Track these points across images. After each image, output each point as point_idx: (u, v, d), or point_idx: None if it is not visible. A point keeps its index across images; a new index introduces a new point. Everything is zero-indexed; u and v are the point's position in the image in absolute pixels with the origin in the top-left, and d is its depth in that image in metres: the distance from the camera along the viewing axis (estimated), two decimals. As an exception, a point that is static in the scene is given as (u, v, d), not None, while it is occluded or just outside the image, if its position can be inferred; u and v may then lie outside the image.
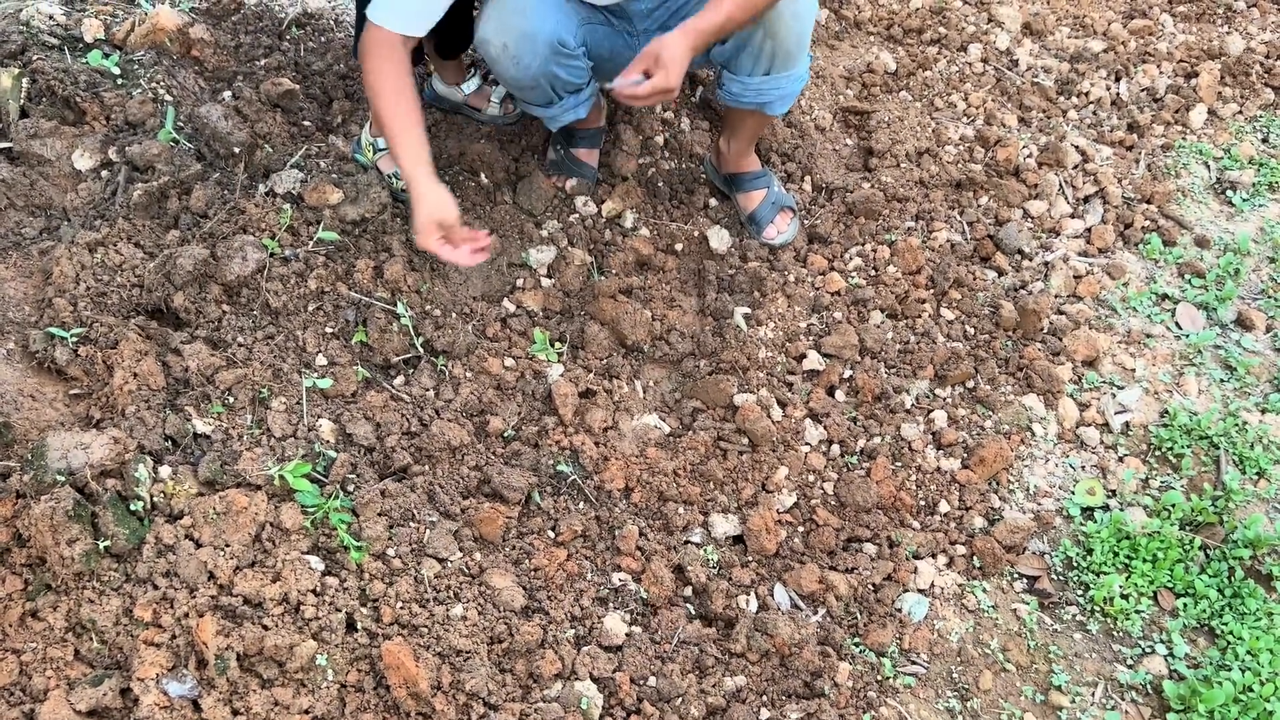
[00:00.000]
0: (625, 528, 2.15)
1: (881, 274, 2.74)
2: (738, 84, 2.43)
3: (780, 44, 2.31)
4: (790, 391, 2.48)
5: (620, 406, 2.38)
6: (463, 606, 1.91)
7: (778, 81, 2.41)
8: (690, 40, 2.06)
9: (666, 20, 2.41)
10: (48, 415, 1.99)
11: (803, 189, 2.94)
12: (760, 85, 2.40)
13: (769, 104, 2.46)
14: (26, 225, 2.29)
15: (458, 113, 2.85)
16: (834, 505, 2.32)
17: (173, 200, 2.34)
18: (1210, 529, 2.29)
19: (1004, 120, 3.19)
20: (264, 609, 1.81)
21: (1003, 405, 2.52)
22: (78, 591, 1.79)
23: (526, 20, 2.21)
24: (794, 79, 2.43)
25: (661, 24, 2.41)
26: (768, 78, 2.39)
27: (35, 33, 2.62)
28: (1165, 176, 3.09)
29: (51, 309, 2.10)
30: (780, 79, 2.41)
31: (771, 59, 2.34)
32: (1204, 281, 2.82)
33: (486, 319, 2.45)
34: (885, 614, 2.15)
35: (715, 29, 2.10)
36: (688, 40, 2.06)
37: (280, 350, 2.19)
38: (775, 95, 2.44)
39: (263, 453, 1.99)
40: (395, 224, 2.49)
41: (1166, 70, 3.38)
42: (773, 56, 2.34)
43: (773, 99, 2.45)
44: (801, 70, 2.43)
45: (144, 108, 2.49)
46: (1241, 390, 2.59)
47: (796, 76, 2.43)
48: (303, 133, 2.67)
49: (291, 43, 2.95)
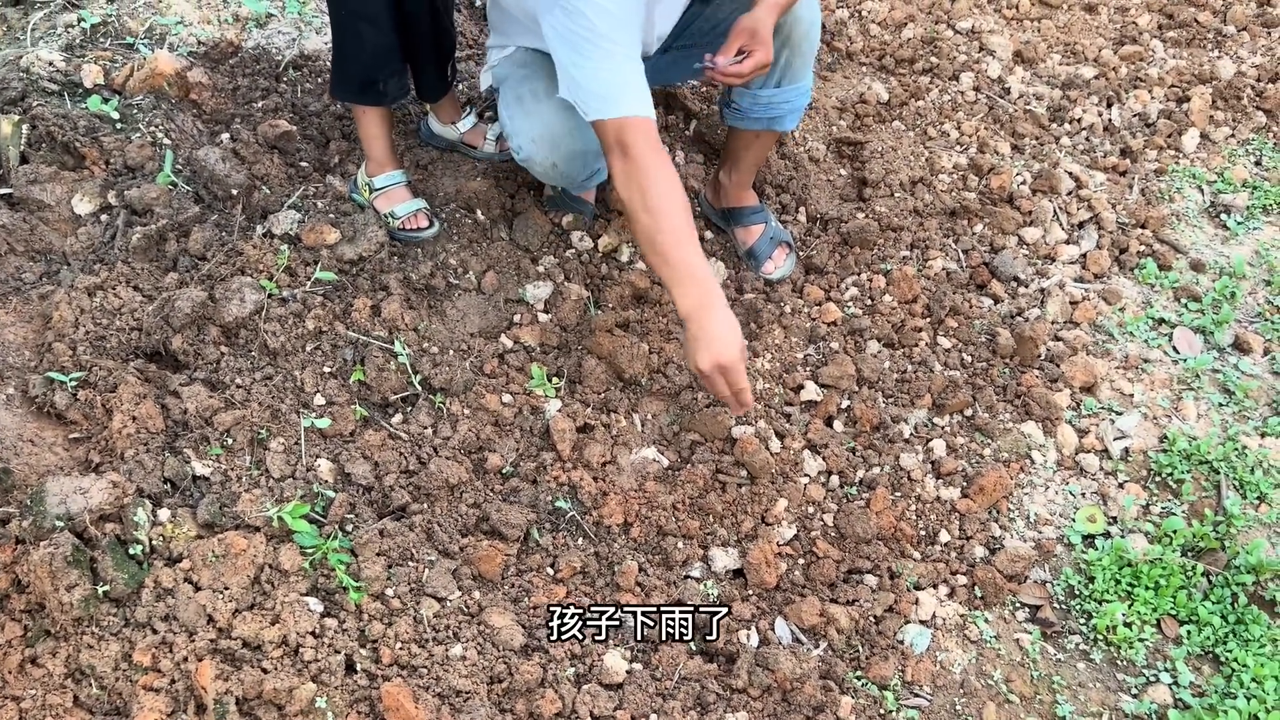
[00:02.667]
0: (625, 563, 2.15)
1: (878, 304, 2.75)
2: (748, 98, 2.46)
3: (795, 51, 2.36)
4: (788, 423, 2.48)
5: (618, 441, 2.39)
6: (462, 646, 1.90)
7: (788, 94, 2.45)
8: (775, 14, 2.16)
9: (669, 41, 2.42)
10: (47, 460, 1.99)
11: (798, 220, 2.95)
12: (771, 98, 2.44)
13: (779, 119, 2.50)
14: (26, 270, 2.31)
15: (454, 150, 2.88)
16: (834, 537, 2.31)
17: (171, 243, 2.36)
18: (1212, 555, 2.29)
19: (997, 148, 3.21)
20: (263, 651, 1.81)
21: (1001, 433, 2.52)
22: (76, 637, 1.79)
23: (574, 141, 2.23)
24: (802, 92, 2.48)
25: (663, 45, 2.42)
26: (778, 90, 2.43)
27: (35, 79, 2.65)
28: (1159, 201, 3.10)
29: (51, 353, 2.11)
30: (789, 91, 2.45)
31: (784, 69, 2.39)
32: (1200, 305, 2.82)
33: (484, 355, 2.46)
34: (887, 646, 2.14)
35: (789, 2, 2.19)
36: (774, 14, 2.15)
37: (278, 391, 2.20)
38: (785, 109, 2.48)
39: (261, 494, 2.00)
40: (393, 263, 2.51)
41: (1158, 95, 3.41)
42: (786, 66, 2.38)
43: (783, 113, 2.49)
44: (808, 83, 2.48)
45: (143, 151, 2.51)
46: (1240, 414, 2.59)
47: (804, 89, 2.48)
48: (300, 173, 2.69)
49: (289, 84, 2.98)
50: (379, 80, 2.44)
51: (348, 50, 2.40)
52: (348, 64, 2.43)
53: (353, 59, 2.41)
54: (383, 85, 2.45)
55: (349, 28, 2.36)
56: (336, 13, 2.35)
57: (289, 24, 3.20)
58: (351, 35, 2.37)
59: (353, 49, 2.39)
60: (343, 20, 2.35)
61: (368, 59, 2.40)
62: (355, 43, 2.38)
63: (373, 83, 2.44)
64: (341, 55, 2.43)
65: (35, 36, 2.91)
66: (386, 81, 2.45)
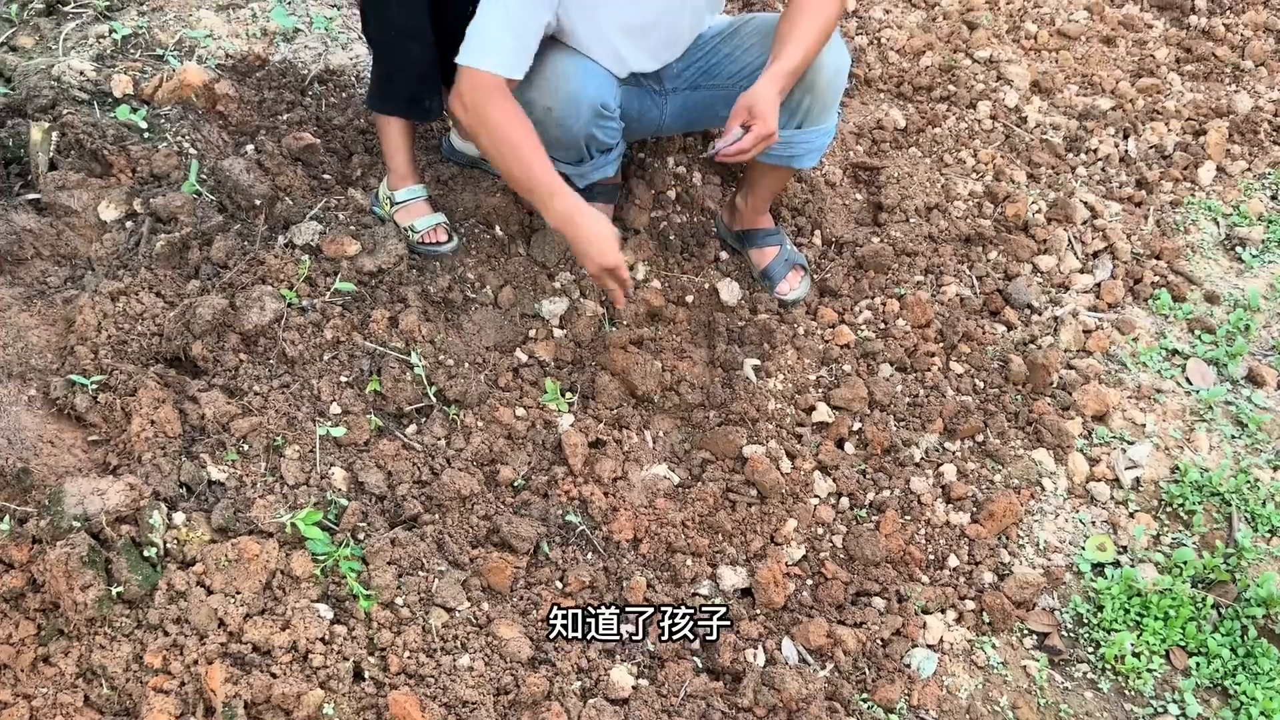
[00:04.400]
0: (633, 579, 2.15)
1: (891, 327, 2.76)
2: None
3: (817, 98, 2.35)
4: (799, 444, 2.49)
5: (630, 457, 2.40)
6: (470, 657, 1.91)
7: (808, 135, 2.44)
8: (778, 85, 2.13)
9: (696, 79, 2.46)
10: (66, 461, 2.02)
11: (813, 243, 2.97)
12: (790, 138, 2.42)
13: (797, 157, 2.49)
14: (52, 274, 2.35)
15: (474, 167, 2.91)
16: (843, 559, 2.32)
17: (194, 251, 2.40)
18: (1223, 587, 2.28)
19: (1013, 176, 3.23)
20: (273, 657, 1.82)
21: (1012, 459, 2.52)
22: (89, 637, 1.81)
23: (572, 84, 2.25)
24: (823, 133, 2.46)
25: (691, 84, 2.46)
26: (799, 131, 2.42)
27: (66, 88, 2.70)
28: (1174, 232, 3.11)
29: (73, 356, 2.14)
30: (810, 133, 2.44)
31: (806, 113, 2.38)
32: (1214, 337, 2.82)
33: (499, 369, 2.48)
34: (894, 669, 2.14)
35: (798, 69, 2.16)
36: (776, 85, 2.12)
37: (295, 399, 2.23)
38: (805, 149, 2.47)
39: (275, 500, 2.02)
40: (411, 275, 2.53)
41: (1175, 128, 3.42)
42: (807, 111, 2.37)
43: (802, 152, 2.48)
44: (831, 124, 2.46)
45: (169, 161, 2.55)
46: (1253, 447, 2.58)
47: (826, 130, 2.46)
48: (323, 186, 2.73)
49: (313, 98, 3.03)
50: (425, 97, 2.50)
51: (397, 68, 2.45)
52: (396, 81, 2.48)
53: (402, 77, 2.46)
54: (429, 102, 2.52)
55: (398, 47, 2.40)
56: (384, 33, 2.40)
57: (316, 39, 3.25)
58: (400, 54, 2.41)
59: (401, 68, 2.44)
60: (391, 40, 2.40)
61: (417, 77, 2.45)
62: (404, 62, 2.43)
63: (419, 99, 2.50)
64: (389, 74, 2.47)
65: (67, 46, 2.96)
66: (432, 99, 2.51)
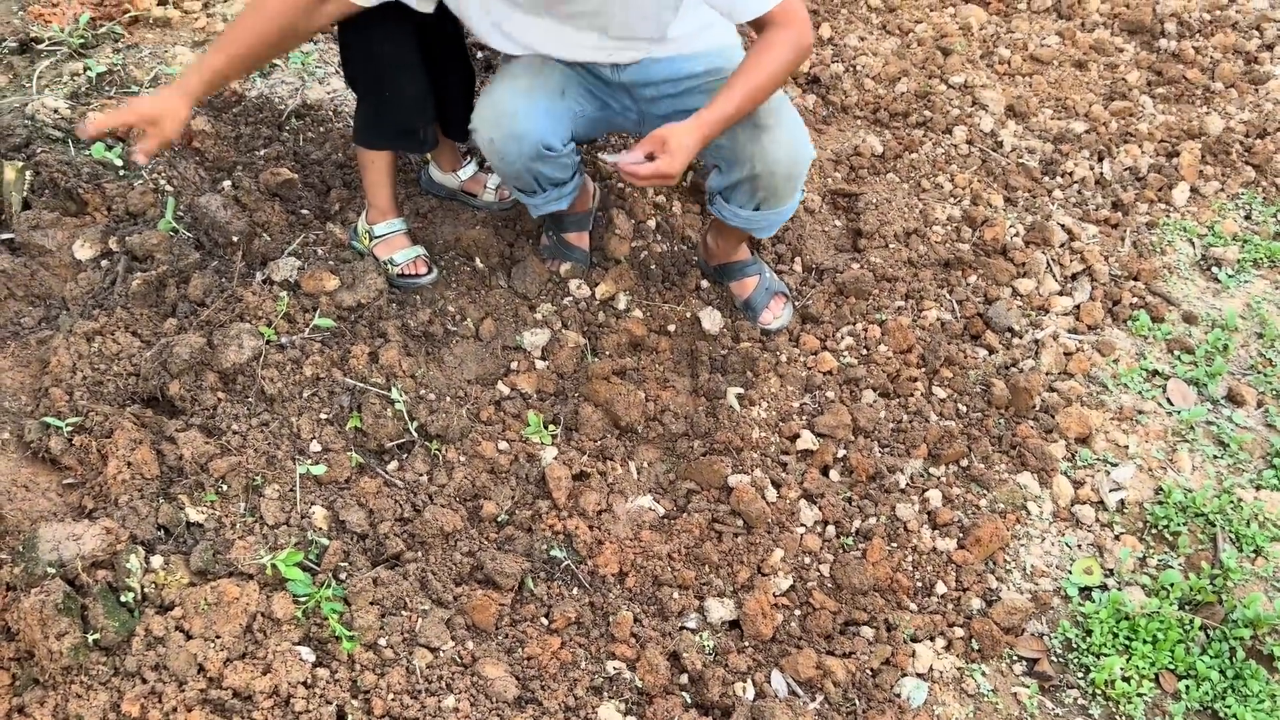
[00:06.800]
0: (619, 614, 2.13)
1: (873, 353, 2.76)
2: (728, 210, 2.45)
3: (774, 194, 2.35)
4: (784, 472, 2.48)
5: (614, 489, 2.38)
6: (455, 697, 1.88)
7: (766, 215, 2.44)
8: (702, 132, 2.05)
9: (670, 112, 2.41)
10: (40, 505, 1.98)
11: (793, 270, 2.98)
12: (749, 216, 2.43)
13: (757, 230, 2.50)
14: (25, 315, 2.32)
15: (453, 199, 2.91)
16: (830, 588, 2.30)
17: (171, 289, 2.37)
18: (1210, 609, 2.28)
19: (990, 200, 3.25)
20: (254, 702, 1.79)
21: (997, 484, 2.52)
22: (65, 686, 1.77)
23: (515, 123, 2.24)
24: (783, 213, 2.46)
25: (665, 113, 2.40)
26: (756, 213, 2.42)
27: (40, 126, 2.68)
28: (1151, 254, 3.13)
29: (48, 398, 2.11)
30: (769, 214, 2.44)
31: (763, 199, 2.38)
32: (1193, 358, 2.84)
33: (480, 402, 2.47)
34: (884, 699, 2.12)
35: (726, 120, 2.09)
36: (700, 132, 2.04)
37: (275, 437, 2.20)
38: (763, 224, 2.47)
39: (255, 541, 1.99)
40: (391, 309, 2.52)
41: (1148, 150, 3.46)
42: (765, 199, 2.38)
43: (760, 227, 2.48)
44: (791, 206, 2.46)
45: (144, 198, 2.54)
46: (1235, 467, 2.59)
47: (786, 210, 2.46)
48: (301, 221, 2.72)
49: (291, 133, 3.02)
50: (419, 128, 2.50)
51: (388, 101, 2.42)
52: (386, 115, 2.46)
53: (393, 109, 2.44)
54: (422, 133, 2.51)
55: (389, 79, 2.37)
56: (373, 68, 2.36)
57: (292, 74, 3.24)
58: (391, 87, 2.38)
59: (393, 100, 2.41)
60: (381, 73, 2.36)
61: (410, 108, 2.44)
62: (396, 95, 2.40)
63: (413, 130, 2.50)
64: (379, 107, 2.45)
65: (41, 84, 2.95)
66: (426, 129, 2.51)
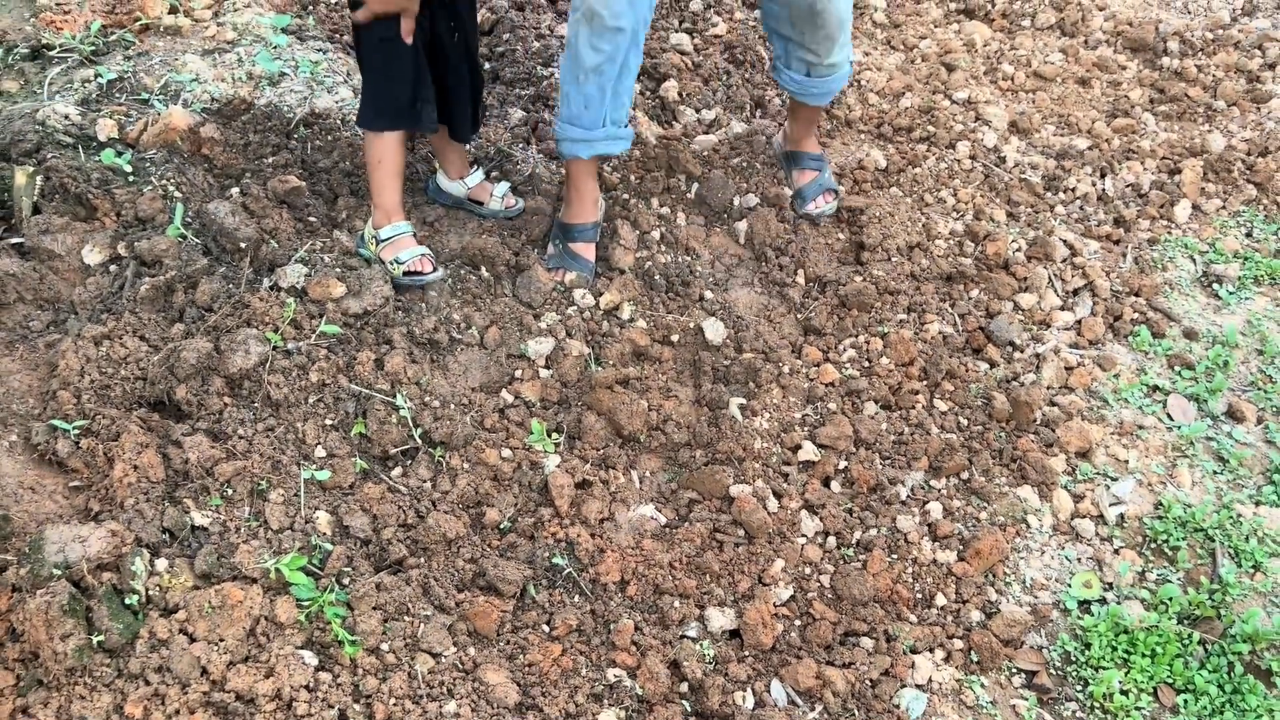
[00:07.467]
0: (621, 622, 2.14)
1: (875, 365, 2.78)
2: (785, 77, 2.90)
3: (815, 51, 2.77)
4: (786, 483, 2.49)
5: (616, 497, 2.40)
6: (456, 703, 1.89)
7: (815, 83, 2.87)
8: None
9: None
10: (47, 508, 2.00)
11: (796, 282, 2.99)
12: (803, 82, 2.87)
13: (811, 97, 2.93)
14: (34, 319, 2.34)
15: (460, 208, 2.93)
16: (831, 598, 2.31)
17: (179, 294, 2.39)
18: (1208, 623, 2.28)
19: (993, 215, 3.27)
20: (256, 705, 1.80)
21: (998, 497, 2.53)
22: (69, 687, 1.78)
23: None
24: (830, 82, 2.88)
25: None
26: (808, 78, 2.85)
27: (50, 132, 2.70)
28: (1152, 270, 3.15)
29: (55, 401, 2.13)
30: (819, 81, 2.87)
31: (811, 64, 2.81)
32: (1194, 373, 2.85)
33: (484, 410, 2.48)
34: (883, 710, 2.13)
35: None
36: None
37: (280, 442, 2.22)
38: (815, 91, 2.90)
39: (259, 545, 2.00)
40: (397, 316, 2.53)
41: (1150, 167, 3.47)
42: (812, 64, 2.81)
43: (813, 94, 2.92)
44: (838, 74, 2.86)
45: (154, 204, 2.56)
46: (1234, 482, 2.60)
47: (834, 79, 2.87)
48: (308, 228, 2.74)
49: (299, 141, 3.04)
50: (421, 104, 2.53)
51: (394, 74, 2.47)
52: (390, 91, 2.50)
53: (399, 81, 2.48)
54: (419, 105, 2.53)
55: (392, 52, 2.43)
56: (378, 42, 2.42)
57: (301, 83, 3.27)
58: (395, 59, 2.44)
59: (398, 72, 2.46)
60: (385, 48, 2.42)
61: (413, 81, 2.48)
62: (401, 67, 2.45)
63: (414, 106, 2.53)
64: (384, 84, 2.50)
65: (52, 90, 2.97)
66: (426, 107, 2.54)
